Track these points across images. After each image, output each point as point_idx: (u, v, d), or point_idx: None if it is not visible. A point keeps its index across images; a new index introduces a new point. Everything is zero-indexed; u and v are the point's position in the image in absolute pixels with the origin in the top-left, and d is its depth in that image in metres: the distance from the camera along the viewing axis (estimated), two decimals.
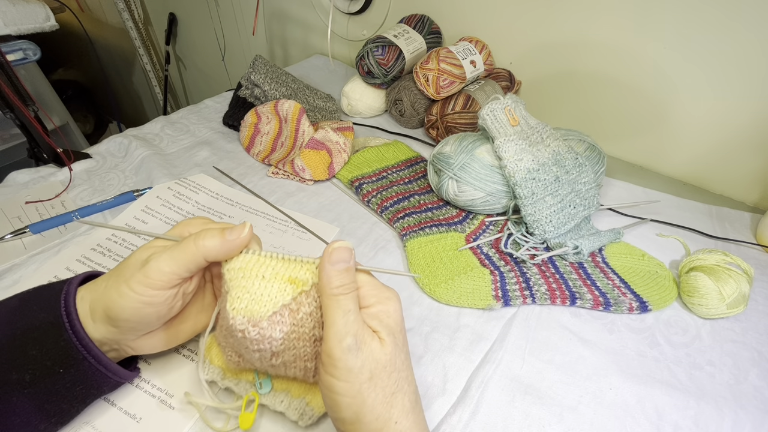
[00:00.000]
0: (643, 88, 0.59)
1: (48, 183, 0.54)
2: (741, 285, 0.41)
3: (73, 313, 0.28)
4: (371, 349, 0.25)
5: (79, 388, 0.28)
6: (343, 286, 0.26)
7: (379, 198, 0.53)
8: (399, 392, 0.26)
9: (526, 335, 0.40)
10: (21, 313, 0.28)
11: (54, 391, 0.27)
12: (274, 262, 0.28)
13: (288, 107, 0.59)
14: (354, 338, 0.25)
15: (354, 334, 0.25)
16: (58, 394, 0.28)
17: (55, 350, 0.27)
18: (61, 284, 0.29)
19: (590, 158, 0.51)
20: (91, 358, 0.28)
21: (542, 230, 0.47)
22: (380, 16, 0.82)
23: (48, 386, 0.27)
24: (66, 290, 0.29)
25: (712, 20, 0.50)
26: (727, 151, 0.57)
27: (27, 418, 0.27)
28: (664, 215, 0.54)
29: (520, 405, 0.35)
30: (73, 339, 0.27)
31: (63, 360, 0.27)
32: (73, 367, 0.27)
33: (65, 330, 0.27)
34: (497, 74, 0.67)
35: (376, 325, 0.27)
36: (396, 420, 0.26)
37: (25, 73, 1.07)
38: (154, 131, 0.66)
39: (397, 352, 0.26)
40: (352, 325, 0.25)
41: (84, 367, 0.28)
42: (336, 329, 0.25)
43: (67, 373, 0.27)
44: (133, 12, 1.46)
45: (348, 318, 0.25)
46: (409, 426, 0.26)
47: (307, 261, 0.28)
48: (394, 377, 0.26)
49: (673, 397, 0.36)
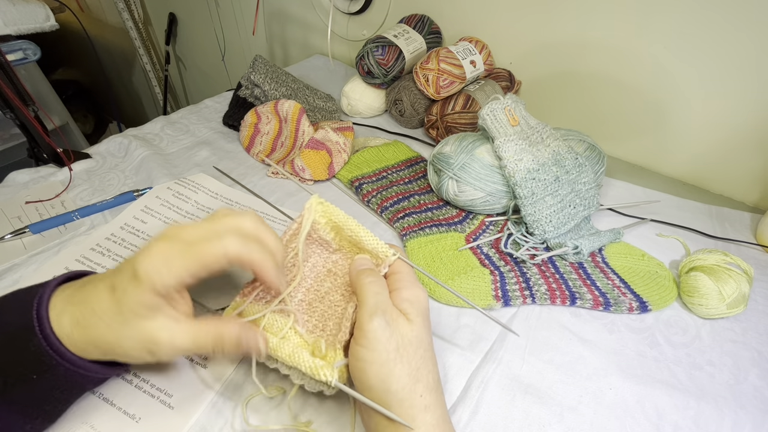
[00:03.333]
0: (643, 88, 0.59)
1: (48, 183, 0.54)
2: (741, 285, 0.41)
3: (44, 317, 0.26)
4: (398, 324, 0.29)
5: (58, 391, 0.28)
6: (370, 278, 0.31)
7: (379, 198, 0.53)
8: (424, 368, 0.29)
9: (526, 335, 0.40)
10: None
11: (32, 396, 0.27)
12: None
13: (288, 107, 0.59)
14: (382, 314, 0.28)
15: (383, 310, 0.29)
16: (36, 399, 0.27)
17: (26, 356, 0.26)
18: (38, 287, 0.28)
19: (590, 158, 0.51)
20: (66, 362, 0.26)
21: (542, 230, 0.47)
22: (380, 16, 0.82)
23: (25, 391, 0.26)
24: (40, 294, 0.27)
25: (712, 20, 0.50)
26: (727, 150, 0.57)
27: (9, 422, 0.26)
28: (664, 215, 0.54)
29: (520, 405, 0.35)
30: (43, 344, 0.25)
31: (35, 366, 0.26)
32: (48, 373, 0.26)
33: (35, 335, 0.25)
34: (497, 74, 0.67)
35: (407, 307, 0.30)
36: (421, 393, 0.28)
37: (25, 73, 1.07)
38: (154, 131, 0.66)
39: (424, 332, 0.30)
40: (381, 304, 0.29)
41: (60, 372, 0.26)
42: (367, 306, 0.29)
43: (41, 378, 0.26)
44: (133, 12, 1.46)
45: (378, 298, 0.29)
46: (433, 402, 0.28)
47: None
48: (420, 353, 0.29)
49: (673, 397, 0.36)
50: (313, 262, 0.37)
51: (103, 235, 0.47)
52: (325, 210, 0.35)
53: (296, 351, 0.30)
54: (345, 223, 0.35)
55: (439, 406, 0.28)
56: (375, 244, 0.34)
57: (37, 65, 1.09)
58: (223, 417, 0.32)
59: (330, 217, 0.35)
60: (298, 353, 0.29)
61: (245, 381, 0.35)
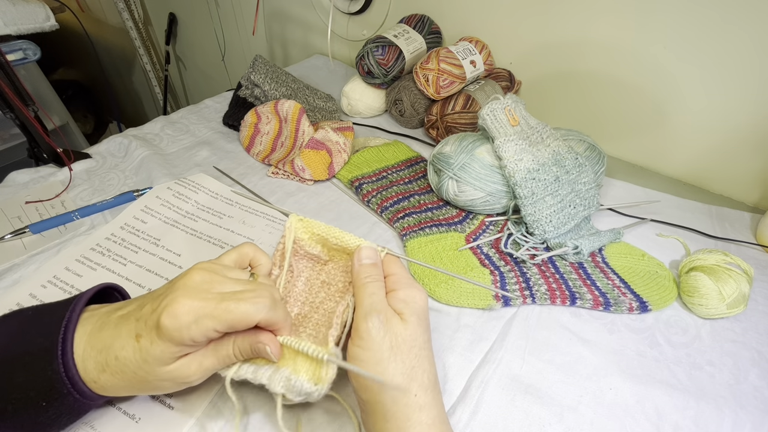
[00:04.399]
0: (643, 88, 0.59)
1: (48, 183, 0.54)
2: (741, 285, 0.41)
3: (68, 344, 0.26)
4: (392, 325, 0.29)
5: (65, 418, 0.28)
6: (369, 276, 0.31)
7: (379, 198, 0.53)
8: (419, 368, 0.29)
9: (526, 335, 0.40)
10: (20, 336, 0.27)
11: (37, 422, 0.27)
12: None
13: (288, 107, 0.59)
14: (377, 315, 0.29)
15: (377, 311, 0.29)
16: (41, 425, 0.27)
17: (41, 381, 0.26)
18: (63, 308, 0.28)
19: (590, 158, 0.51)
20: (76, 393, 0.26)
21: (542, 230, 0.47)
22: (380, 16, 0.82)
23: (31, 417, 0.26)
24: (68, 317, 0.27)
25: (712, 20, 0.50)
26: (727, 150, 0.57)
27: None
28: (664, 215, 0.54)
29: (520, 405, 0.35)
30: (60, 370, 0.26)
31: (47, 392, 0.26)
32: (57, 401, 0.26)
33: (56, 359, 0.26)
34: (497, 74, 0.67)
35: (402, 307, 0.30)
36: (415, 393, 0.28)
37: (25, 73, 1.07)
38: (154, 131, 0.66)
39: (419, 331, 0.30)
40: (376, 304, 0.30)
41: (69, 402, 0.27)
42: (362, 307, 0.30)
43: (50, 406, 0.26)
44: (133, 12, 1.46)
45: (372, 299, 0.30)
46: (428, 401, 0.28)
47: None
48: (414, 352, 0.29)
49: (673, 397, 0.36)
50: (306, 276, 0.37)
51: (103, 235, 0.47)
52: (306, 225, 0.36)
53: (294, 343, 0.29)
54: (327, 232, 0.35)
55: (435, 405, 0.28)
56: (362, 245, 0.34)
57: (37, 65, 1.09)
58: (223, 417, 0.32)
59: (312, 230, 0.36)
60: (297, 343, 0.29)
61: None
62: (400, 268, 0.33)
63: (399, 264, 0.34)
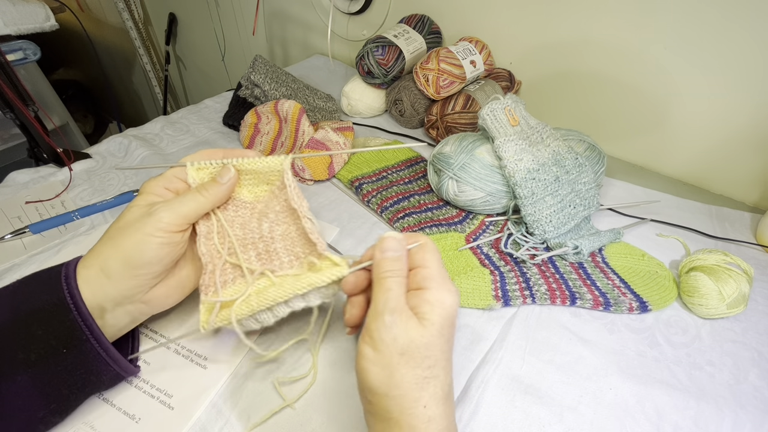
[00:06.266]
0: (643, 88, 0.59)
1: (48, 183, 0.54)
2: (741, 285, 0.41)
3: (76, 295, 0.29)
4: (407, 328, 0.26)
5: (80, 372, 0.29)
6: (389, 271, 0.29)
7: (379, 198, 0.53)
8: (433, 378, 0.26)
9: (526, 335, 0.40)
10: (23, 296, 0.29)
11: (56, 373, 0.28)
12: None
13: (288, 107, 0.59)
14: (389, 315, 0.27)
15: (391, 311, 0.27)
16: (59, 377, 0.28)
17: (61, 330, 0.28)
18: (58, 267, 0.30)
19: (590, 158, 0.51)
20: (93, 339, 0.29)
21: (542, 230, 0.47)
22: (380, 16, 0.82)
23: (51, 366, 0.28)
24: (65, 272, 0.30)
25: (712, 20, 0.50)
26: (727, 150, 0.57)
27: (28, 401, 0.27)
28: (664, 215, 0.54)
29: (520, 405, 0.35)
30: (78, 319, 0.28)
31: (67, 339, 0.28)
32: (76, 348, 0.28)
33: (71, 311, 0.28)
34: (497, 74, 0.67)
35: (427, 310, 0.27)
36: (425, 404, 0.26)
37: (25, 73, 1.07)
38: (154, 131, 0.66)
39: (439, 339, 0.27)
40: (391, 302, 0.27)
41: (86, 349, 0.29)
42: (375, 304, 0.28)
43: (69, 353, 0.28)
44: (133, 12, 1.46)
45: (388, 295, 0.27)
46: (439, 414, 0.26)
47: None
48: (429, 361, 0.26)
49: (673, 397, 0.36)
50: (240, 222, 0.36)
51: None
52: (208, 169, 0.36)
53: (294, 281, 0.30)
54: (229, 165, 0.35)
55: (445, 417, 0.26)
56: (270, 162, 0.35)
57: (37, 65, 1.09)
58: (223, 417, 0.32)
59: (212, 171, 0.36)
60: (300, 279, 0.30)
61: (245, 381, 0.35)
62: (434, 262, 0.29)
63: (435, 257, 0.30)
